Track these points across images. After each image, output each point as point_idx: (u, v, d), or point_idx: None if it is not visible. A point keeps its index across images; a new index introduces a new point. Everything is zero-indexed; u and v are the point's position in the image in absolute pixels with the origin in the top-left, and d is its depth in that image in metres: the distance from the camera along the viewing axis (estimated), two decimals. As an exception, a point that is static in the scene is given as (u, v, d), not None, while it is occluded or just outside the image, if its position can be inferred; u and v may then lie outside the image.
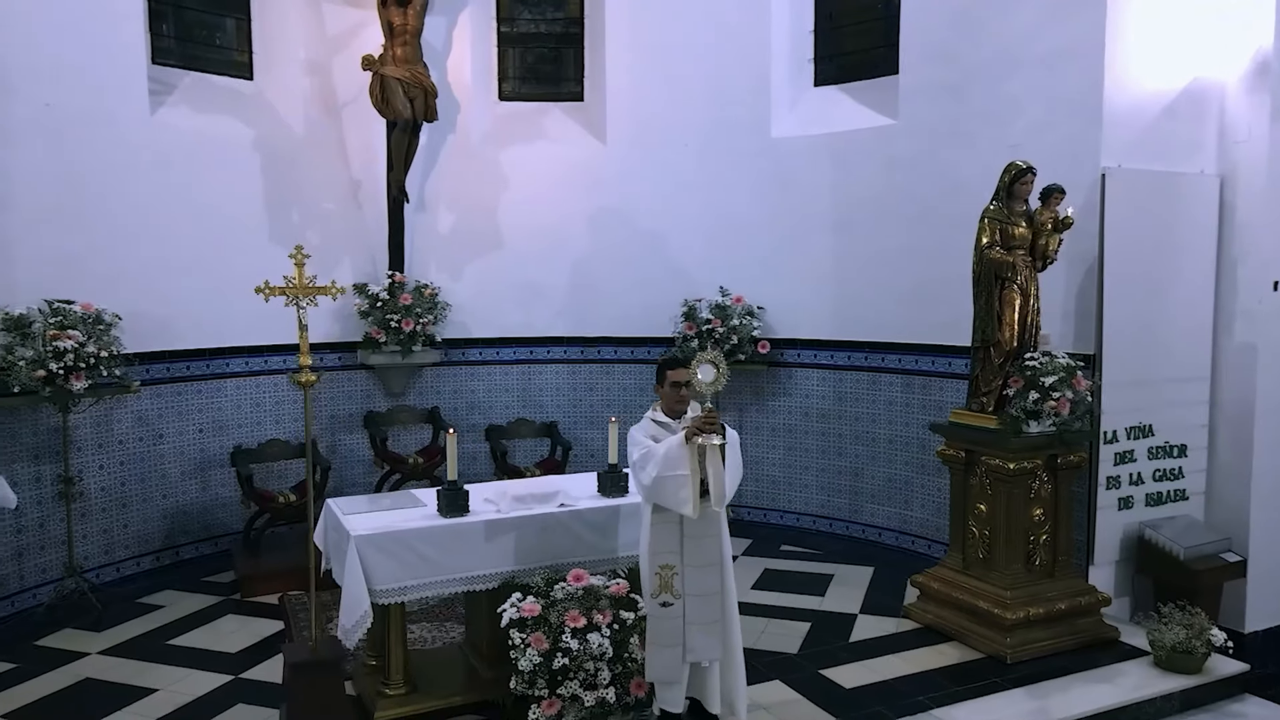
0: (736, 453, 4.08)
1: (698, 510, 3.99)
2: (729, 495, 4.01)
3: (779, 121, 7.74)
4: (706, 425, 3.93)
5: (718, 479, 3.95)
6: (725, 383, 4.05)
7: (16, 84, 5.87)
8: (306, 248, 7.62)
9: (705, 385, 3.99)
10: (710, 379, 4.00)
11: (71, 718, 4.49)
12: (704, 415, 3.96)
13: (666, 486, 3.97)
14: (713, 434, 3.92)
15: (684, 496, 3.96)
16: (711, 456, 3.96)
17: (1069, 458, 5.33)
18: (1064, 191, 5.30)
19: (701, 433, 3.92)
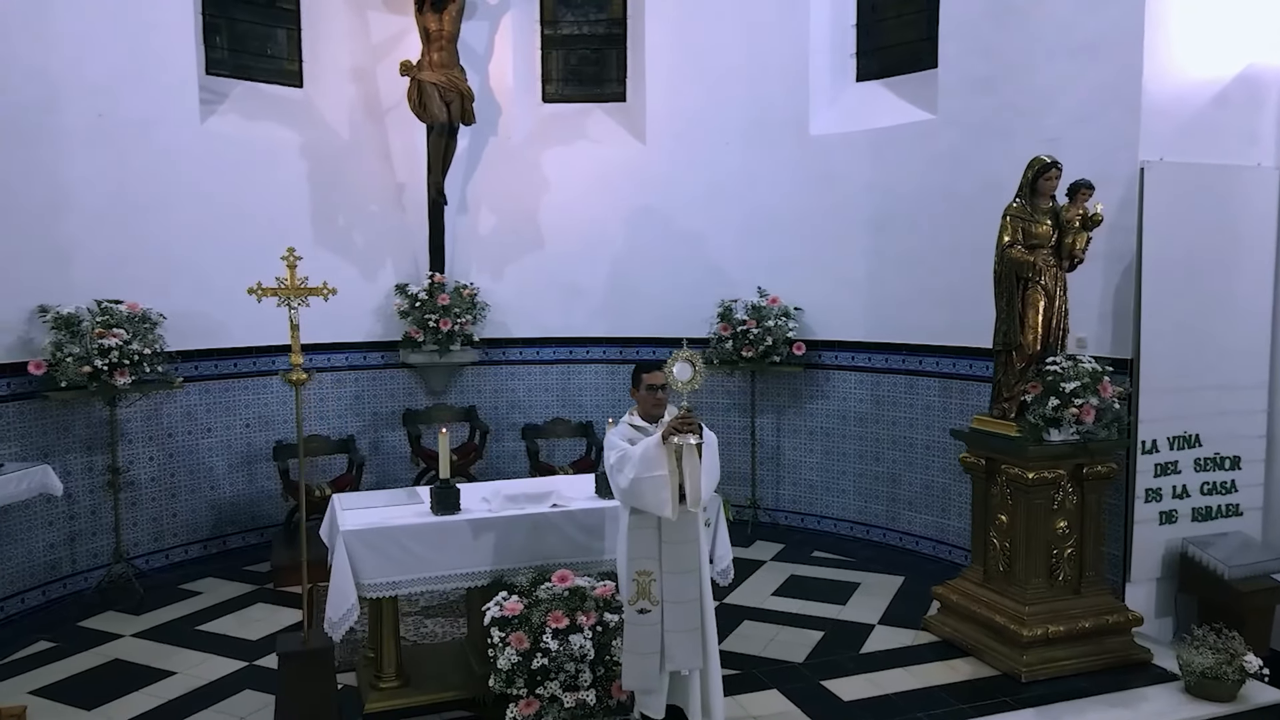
0: (714, 454, 4.01)
1: (676, 512, 3.94)
2: (705, 497, 3.95)
3: (817, 119, 7.59)
4: (683, 425, 3.87)
5: (694, 479, 3.89)
6: (702, 381, 3.99)
7: (71, 96, 6.21)
8: (351, 250, 7.96)
9: (682, 384, 3.94)
10: (687, 377, 3.94)
11: (90, 696, 4.73)
12: (680, 415, 3.90)
13: (644, 488, 3.93)
14: (689, 434, 3.86)
15: (663, 498, 3.91)
16: (689, 457, 3.90)
17: (1096, 468, 5.04)
18: (1092, 187, 5.03)
19: (678, 432, 3.87)
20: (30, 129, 5.99)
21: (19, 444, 5.94)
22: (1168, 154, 5.36)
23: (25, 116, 5.97)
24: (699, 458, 3.90)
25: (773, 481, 7.96)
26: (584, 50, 8.58)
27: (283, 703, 4.18)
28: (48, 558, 6.15)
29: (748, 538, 7.50)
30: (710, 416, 8.01)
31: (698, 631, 4.10)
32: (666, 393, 4.20)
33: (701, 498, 3.90)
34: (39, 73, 6.03)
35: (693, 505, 3.91)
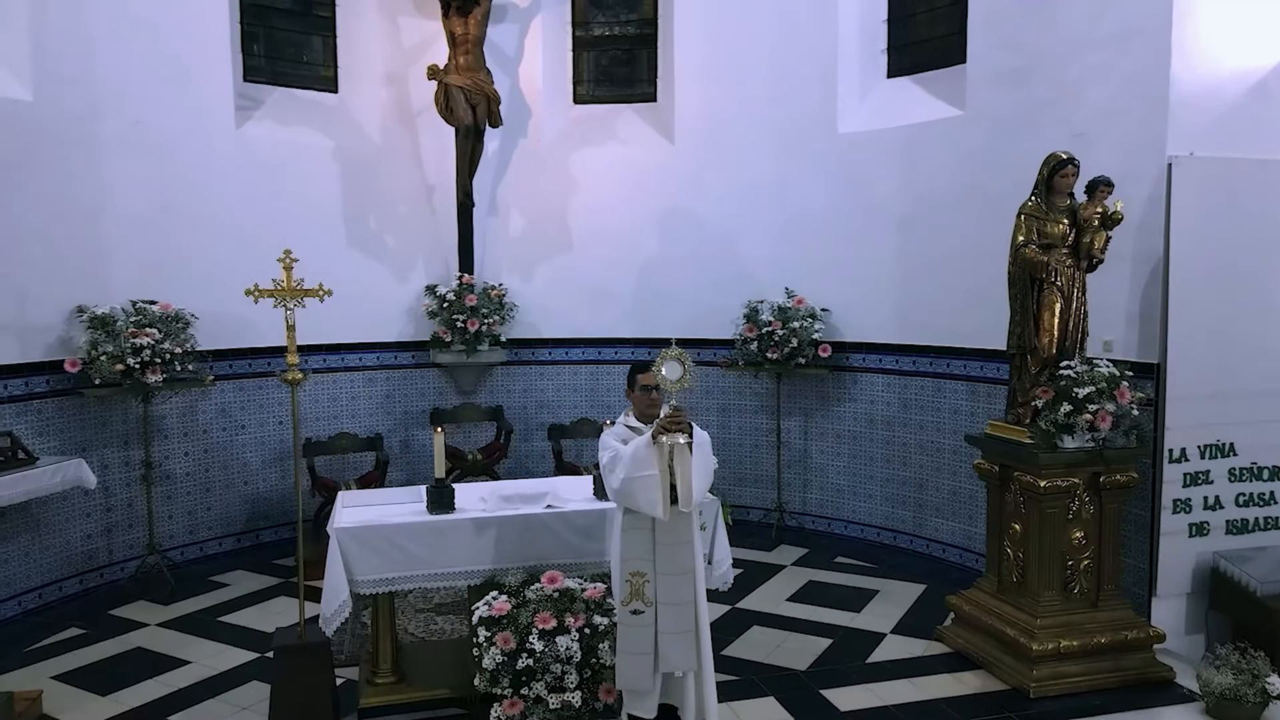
0: (706, 454, 3.96)
1: (668, 512, 3.91)
2: (697, 497, 3.89)
3: (846, 117, 7.45)
4: (672, 424, 3.84)
5: (685, 479, 3.85)
6: (691, 381, 3.95)
7: (110, 104, 6.46)
8: (383, 251, 8.10)
9: (670, 383, 3.91)
10: (676, 376, 3.92)
11: (107, 682, 4.91)
12: (669, 414, 3.87)
13: (635, 488, 3.90)
14: (678, 433, 3.83)
15: (654, 498, 3.88)
16: (680, 457, 3.86)
17: (1115, 477, 4.84)
18: (1111, 184, 4.83)
19: (667, 432, 3.84)
20: (71, 137, 6.25)
21: (58, 438, 6.20)
22: (1199, 148, 5.11)
23: (67, 125, 6.23)
24: (690, 457, 3.86)
25: (800, 485, 7.84)
26: (615, 51, 8.59)
27: (277, 695, 4.27)
28: (85, 548, 6.41)
29: (771, 541, 7.42)
30: (738, 418, 8.00)
31: (692, 634, 4.06)
32: (661, 393, 4.18)
33: (693, 498, 3.86)
34: (79, 82, 6.28)
35: (684, 505, 3.88)
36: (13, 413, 5.90)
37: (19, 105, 5.93)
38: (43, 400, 6.10)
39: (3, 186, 5.84)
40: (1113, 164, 5.35)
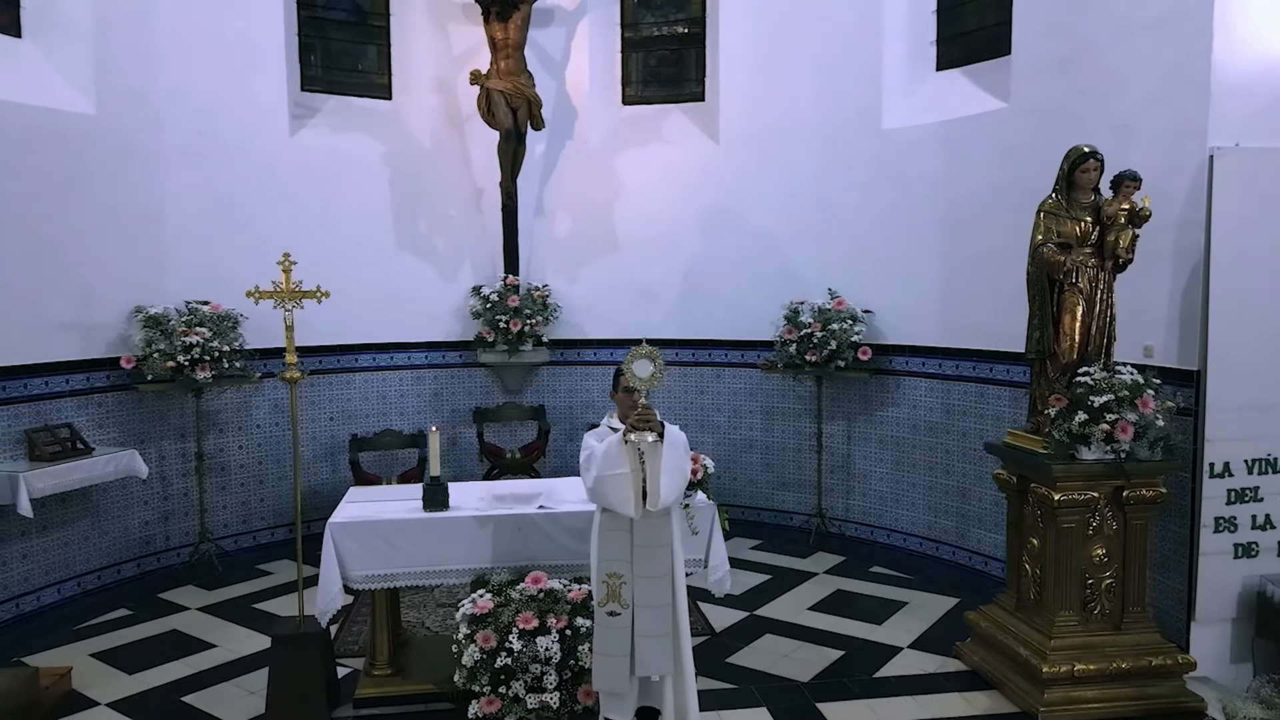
0: (679, 453, 3.89)
1: (639, 511, 3.89)
2: (668, 497, 3.83)
3: (891, 112, 7.22)
4: (639, 422, 3.82)
5: (653, 478, 3.82)
6: (662, 380, 3.92)
7: (171, 116, 6.84)
8: (432, 254, 8.30)
9: (641, 381, 3.89)
10: (647, 374, 3.90)
11: (136, 661, 5.21)
12: (638, 412, 3.85)
13: (606, 487, 3.90)
14: (647, 431, 3.80)
15: (625, 497, 3.87)
16: (650, 455, 3.84)
17: (1140, 491, 4.53)
18: (1137, 178, 4.52)
19: (636, 430, 3.81)
20: (133, 148, 6.64)
21: (118, 430, 6.60)
22: (1244, 139, 4.74)
23: (129, 136, 6.63)
24: (660, 456, 3.82)
25: (843, 491, 7.65)
26: (663, 51, 8.56)
27: (274, 681, 4.44)
28: (143, 534, 6.81)
29: (809, 548, 7.26)
30: (781, 422, 7.87)
31: (668, 637, 4.02)
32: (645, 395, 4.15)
33: (662, 497, 3.81)
34: (142, 96, 6.67)
35: (651, 504, 3.84)
36: (75, 405, 6.31)
37: (83, 119, 6.34)
38: (103, 394, 6.50)
39: (68, 195, 6.23)
40: (1154, 157, 5.05)
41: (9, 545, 5.88)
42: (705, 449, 8.03)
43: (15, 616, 5.88)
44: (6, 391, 5.86)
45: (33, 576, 6.05)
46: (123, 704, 4.69)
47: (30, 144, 6.00)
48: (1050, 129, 5.94)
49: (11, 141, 5.90)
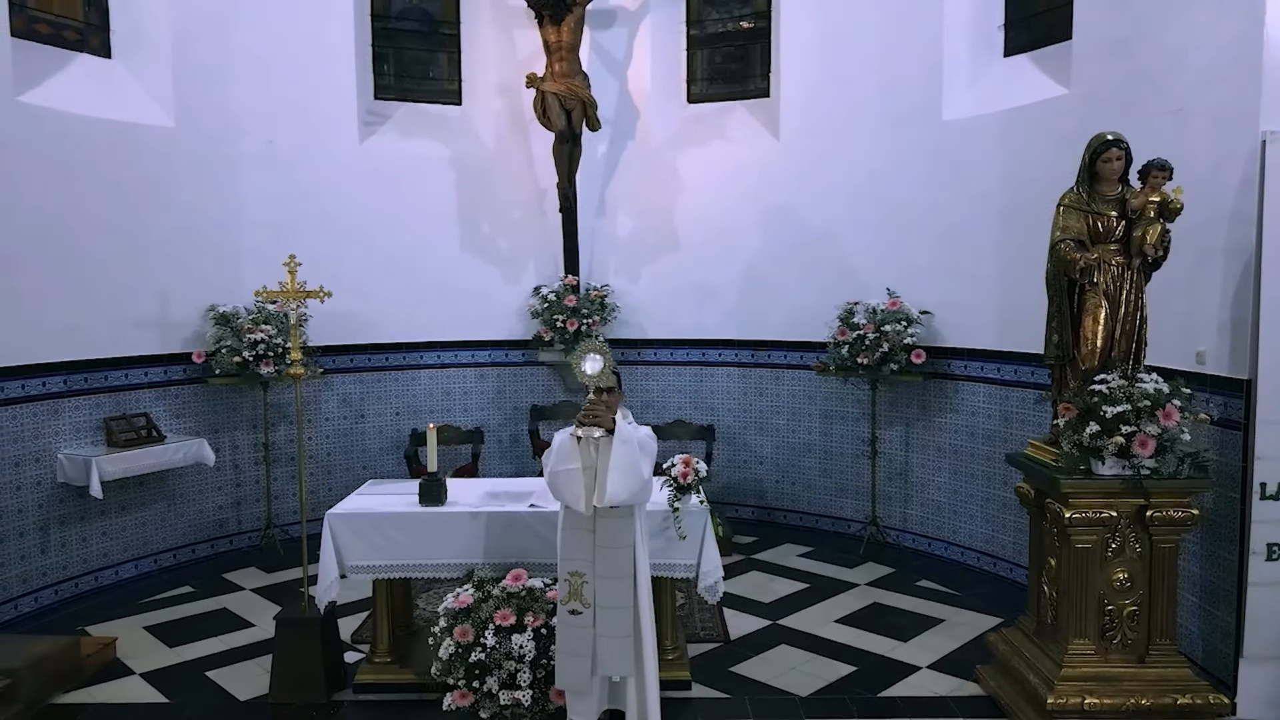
0: (630, 451, 3.84)
1: (589, 507, 3.89)
2: (615, 494, 3.79)
3: (951, 102, 6.87)
4: (586, 417, 3.82)
5: (600, 474, 3.81)
6: (611, 375, 3.93)
7: (246, 125, 7.30)
8: (496, 254, 8.50)
9: (589, 377, 3.91)
10: (595, 370, 3.91)
11: (180, 635, 5.59)
12: (586, 406, 3.85)
13: (559, 481, 3.94)
14: (594, 426, 3.80)
15: (576, 493, 3.91)
16: (602, 450, 3.82)
17: (1167, 512, 4.12)
18: (1165, 168, 4.12)
19: (582, 425, 3.82)
20: (208, 157, 7.12)
21: (193, 420, 7.10)
22: (1304, 121, 4.23)
23: (208, 146, 7.11)
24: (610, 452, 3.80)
25: (900, 500, 7.32)
26: (728, 47, 8.44)
27: (277, 663, 4.68)
28: (216, 517, 7.29)
29: (858, 558, 6.99)
30: (839, 426, 7.63)
31: (629, 639, 4.00)
32: (614, 396, 4.15)
33: (608, 494, 3.78)
34: (218, 108, 7.14)
35: (596, 500, 3.83)
36: (153, 396, 6.83)
37: (162, 131, 6.85)
38: (179, 386, 7.01)
39: (148, 201, 6.75)
40: (1207, 144, 4.60)
41: (90, 523, 6.43)
42: (764, 452, 8.01)
43: (94, 588, 6.42)
44: (88, 382, 6.41)
45: (112, 552, 6.59)
46: (153, 675, 5.05)
47: (115, 156, 6.53)
48: (1109, 115, 5.46)
49: (99, 154, 6.44)
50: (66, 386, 6.26)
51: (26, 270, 5.95)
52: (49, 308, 6.10)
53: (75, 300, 6.27)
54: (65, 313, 6.21)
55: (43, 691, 4.65)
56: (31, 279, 5.99)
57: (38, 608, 6.05)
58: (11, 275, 5.86)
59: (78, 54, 6.60)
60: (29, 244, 5.98)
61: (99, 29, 6.78)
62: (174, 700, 4.75)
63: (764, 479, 8.13)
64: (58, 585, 6.21)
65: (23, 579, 5.99)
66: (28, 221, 5.97)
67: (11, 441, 5.91)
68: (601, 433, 3.79)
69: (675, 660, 4.86)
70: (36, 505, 6.07)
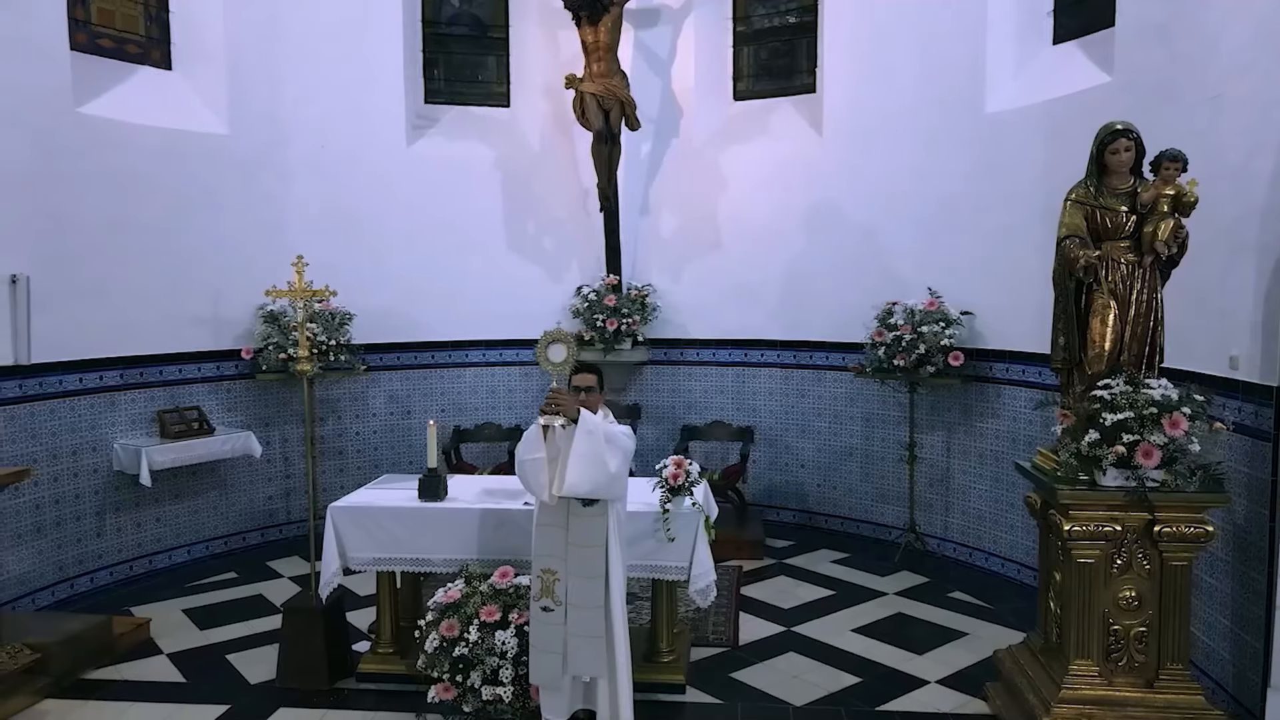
0: (595, 443, 3.82)
1: (552, 497, 3.92)
2: (575, 484, 3.79)
3: (994, 94, 6.60)
4: (547, 406, 3.83)
5: (562, 463, 3.81)
6: (573, 364, 4.05)
7: (295, 132, 7.59)
8: (540, 254, 8.61)
9: (553, 365, 3.94)
10: (560, 359, 3.99)
11: (211, 619, 5.87)
12: (547, 395, 3.87)
13: (526, 470, 4.01)
14: (554, 415, 3.80)
15: (541, 482, 3.96)
16: (564, 439, 3.83)
17: (1178, 527, 3.85)
18: (1178, 159, 3.85)
19: (544, 413, 3.84)
20: (260, 163, 7.43)
21: (244, 414, 7.43)
22: (1342, 105, 3.88)
23: (260, 151, 7.43)
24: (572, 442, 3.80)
25: (941, 507, 7.06)
26: (775, 43, 8.31)
27: (284, 648, 4.86)
28: (266, 507, 7.61)
29: (893, 565, 6.78)
30: (881, 430, 7.44)
31: (601, 639, 3.99)
32: (594, 395, 4.17)
33: (567, 483, 3.77)
34: (269, 116, 7.45)
35: (555, 489, 3.84)
36: (206, 390, 7.18)
37: (217, 138, 7.18)
38: (231, 381, 7.35)
39: (204, 205, 7.10)
40: (1241, 132, 4.29)
41: (145, 510, 6.81)
42: (805, 455, 7.86)
43: (147, 571, 6.79)
44: (144, 376, 6.78)
45: (165, 538, 6.96)
46: (178, 655, 5.31)
47: (171, 162, 6.88)
48: (1148, 104, 5.16)
49: (155, 161, 6.80)
50: (123, 380, 6.64)
51: (85, 270, 6.34)
52: (106, 306, 6.48)
53: (131, 298, 6.64)
54: (121, 310, 6.58)
55: (74, 666, 4.95)
56: (90, 279, 6.37)
57: (93, 588, 6.43)
58: (71, 275, 6.24)
59: (139, 67, 6.99)
60: (88, 246, 6.36)
61: (160, 43, 7.16)
62: (190, 681, 4.97)
63: (805, 482, 7.97)
64: (112, 567, 6.60)
65: (79, 560, 6.38)
66: (87, 224, 6.36)
67: (70, 431, 6.31)
68: (564, 421, 3.79)
69: (671, 663, 4.81)
70: (93, 492, 6.46)
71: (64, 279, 6.20)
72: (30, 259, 5.97)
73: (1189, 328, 4.72)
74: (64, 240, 6.21)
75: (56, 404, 6.20)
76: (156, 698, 4.76)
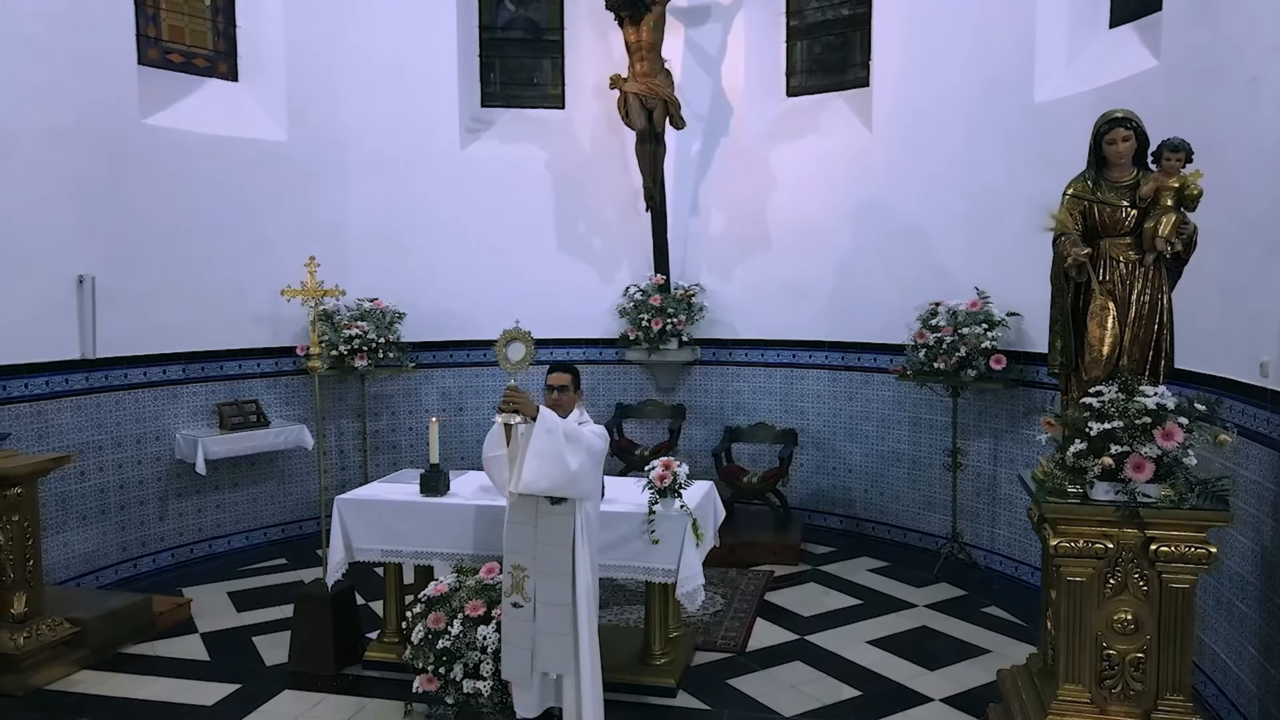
0: (554, 441, 3.81)
1: (513, 495, 3.99)
2: (531, 482, 3.80)
3: (1044, 82, 6.26)
4: (505, 404, 3.86)
5: (519, 460, 3.83)
6: (531, 362, 4.08)
7: (353, 138, 7.90)
8: (590, 254, 8.71)
9: (511, 363, 3.98)
10: (519, 357, 4.02)
11: (251, 601, 6.19)
12: (505, 393, 3.89)
13: (490, 467, 4.09)
14: (511, 413, 3.84)
15: (502, 479, 4.02)
16: (523, 437, 3.85)
17: (1176, 547, 3.56)
18: (1179, 149, 3.56)
19: (501, 411, 3.88)
20: (318, 168, 7.77)
21: (301, 408, 7.78)
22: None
23: (314, 158, 7.76)
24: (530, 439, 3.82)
25: (988, 517, 6.74)
26: (828, 36, 8.11)
27: (294, 634, 5.08)
28: (324, 497, 7.93)
29: (932, 577, 6.52)
30: (929, 435, 7.24)
31: (568, 637, 4.00)
32: (567, 395, 4.19)
33: (523, 480, 3.80)
34: (328, 122, 7.79)
35: (512, 486, 3.88)
36: (264, 385, 7.56)
37: (277, 145, 7.55)
38: (289, 377, 7.71)
39: (264, 209, 7.47)
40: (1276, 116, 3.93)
41: (205, 496, 7.22)
42: (853, 460, 7.67)
43: (206, 555, 7.21)
44: (205, 371, 7.20)
45: (224, 524, 7.37)
46: (211, 635, 5.61)
47: (232, 168, 7.27)
48: (1190, 89, 4.83)
49: (220, 168, 7.21)
50: (185, 374, 7.07)
51: (150, 271, 6.77)
52: (169, 304, 6.90)
53: (194, 297, 7.05)
54: (184, 308, 7.00)
55: (112, 640, 5.30)
56: (154, 279, 6.80)
57: (154, 568, 6.87)
58: (137, 276, 6.68)
59: (207, 79, 7.41)
60: (152, 248, 6.79)
61: (227, 56, 7.57)
62: (212, 660, 5.25)
63: (852, 488, 7.75)
64: (174, 549, 7.03)
65: (142, 542, 6.82)
66: (151, 228, 6.79)
67: (134, 421, 6.75)
68: (520, 419, 3.82)
69: (664, 666, 4.77)
70: (156, 478, 6.90)
71: (130, 279, 6.64)
72: (98, 260, 6.43)
73: (1219, 330, 4.37)
74: (130, 242, 6.65)
75: (121, 395, 6.65)
76: (179, 673, 5.06)
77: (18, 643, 4.79)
